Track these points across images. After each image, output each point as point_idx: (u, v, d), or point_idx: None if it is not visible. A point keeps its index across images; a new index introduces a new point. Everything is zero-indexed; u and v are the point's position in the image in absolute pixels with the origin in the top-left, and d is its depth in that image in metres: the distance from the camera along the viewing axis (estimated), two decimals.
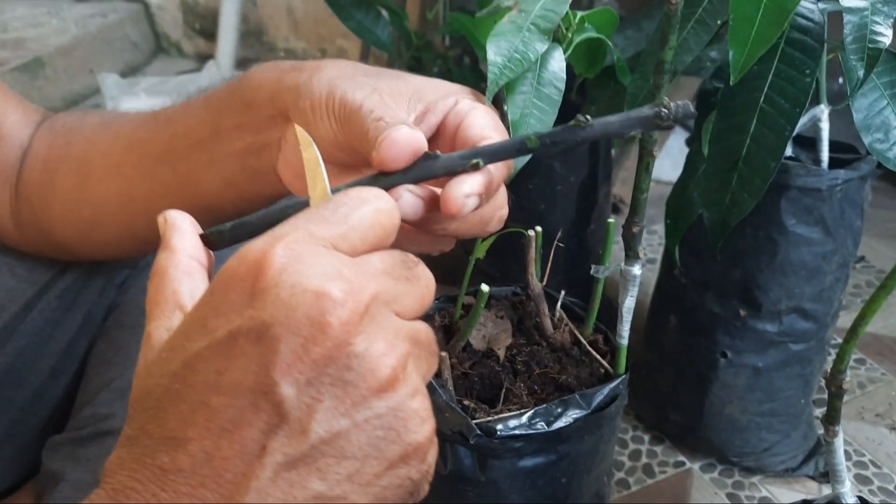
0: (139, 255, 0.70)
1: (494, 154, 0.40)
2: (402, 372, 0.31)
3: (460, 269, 0.71)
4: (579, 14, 0.63)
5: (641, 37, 0.83)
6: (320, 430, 0.29)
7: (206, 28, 2.21)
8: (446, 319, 0.71)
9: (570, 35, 0.61)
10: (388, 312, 0.32)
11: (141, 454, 0.30)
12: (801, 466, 0.95)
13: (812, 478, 0.96)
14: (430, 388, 0.60)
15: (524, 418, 0.59)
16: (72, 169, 0.61)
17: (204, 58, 2.21)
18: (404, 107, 0.44)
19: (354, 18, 1.00)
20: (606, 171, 1.07)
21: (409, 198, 0.39)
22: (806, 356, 0.89)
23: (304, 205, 0.38)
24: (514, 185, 1.04)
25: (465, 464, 0.62)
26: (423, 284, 0.35)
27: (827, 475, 0.94)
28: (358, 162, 0.46)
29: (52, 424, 0.71)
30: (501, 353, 0.66)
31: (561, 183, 1.01)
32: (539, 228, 0.65)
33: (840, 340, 1.16)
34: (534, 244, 0.65)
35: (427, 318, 0.71)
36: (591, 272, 0.62)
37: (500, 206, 0.44)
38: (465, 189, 0.38)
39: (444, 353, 0.62)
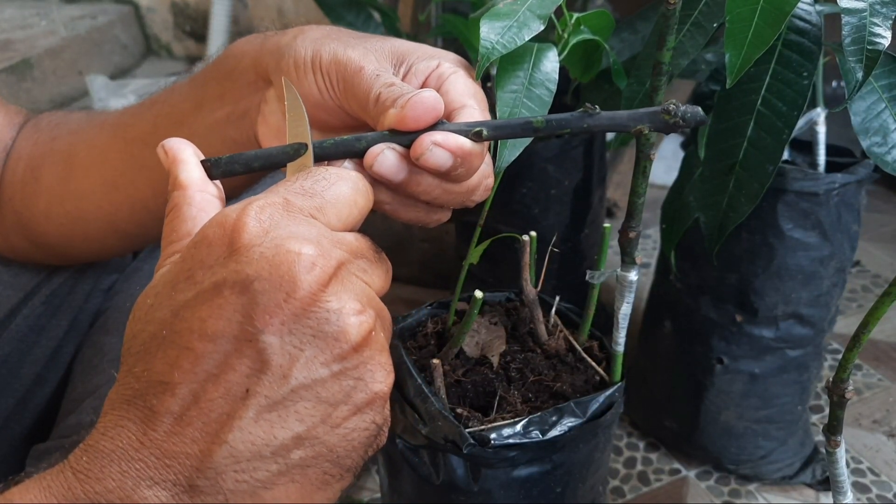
0: (123, 253, 0.69)
1: (500, 128, 0.41)
2: (375, 330, 0.34)
3: (454, 274, 0.70)
4: (575, 15, 0.62)
5: (637, 39, 0.82)
6: (300, 377, 0.32)
7: (197, 30, 2.20)
8: (439, 326, 0.70)
9: (565, 36, 0.60)
10: (358, 280, 0.35)
11: (131, 396, 0.32)
12: (799, 474, 0.94)
13: (809, 485, 0.95)
14: (423, 397, 0.59)
15: (518, 427, 0.58)
16: (56, 162, 0.60)
17: (194, 60, 2.20)
18: (389, 67, 0.45)
19: (345, 20, 1.00)
20: (601, 175, 1.06)
21: (391, 154, 0.40)
22: (803, 362, 0.88)
23: (297, 147, 0.40)
24: (507, 188, 1.03)
25: (457, 473, 0.60)
26: (385, 268, 0.38)
27: (824, 483, 0.94)
28: (340, 123, 0.47)
29: (37, 432, 0.70)
30: (495, 360, 0.65)
31: (555, 186, 1.00)
32: (534, 233, 0.64)
33: (837, 346, 1.17)
34: (528, 249, 0.63)
35: (420, 323, 0.70)
36: (587, 278, 0.61)
37: (486, 175, 0.45)
38: (436, 137, 0.40)
39: (436, 361, 0.61)
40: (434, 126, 0.40)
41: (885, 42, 0.56)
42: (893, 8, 0.57)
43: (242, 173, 0.40)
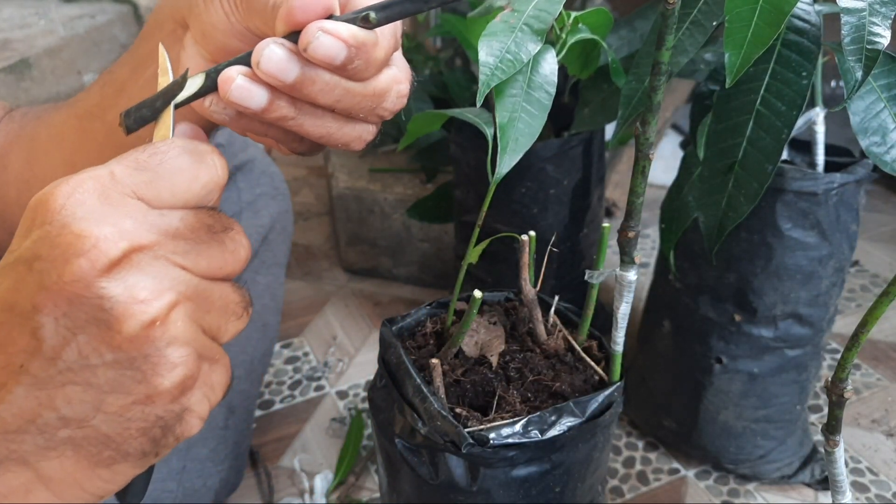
0: None
1: (388, 7, 0.38)
2: (164, 320, 0.33)
3: (453, 273, 0.70)
4: (573, 15, 0.62)
5: (635, 37, 0.82)
6: (70, 361, 0.32)
7: None
8: (438, 325, 0.70)
9: (563, 36, 0.60)
10: (165, 264, 0.34)
11: None
12: (797, 473, 0.94)
13: (808, 485, 0.95)
14: (422, 396, 0.59)
15: (517, 426, 0.58)
16: (21, 148, 0.61)
17: None
18: None
19: None
20: (599, 175, 1.07)
21: (278, 49, 0.37)
22: (801, 362, 0.88)
23: (184, 75, 0.38)
24: (506, 188, 1.03)
25: (456, 473, 0.60)
26: (229, 249, 0.36)
27: (823, 482, 0.94)
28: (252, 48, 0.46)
29: None
30: (494, 359, 0.65)
31: (553, 186, 1.00)
32: (532, 233, 0.64)
33: (836, 345, 1.17)
34: (527, 249, 0.63)
35: (419, 323, 0.70)
36: (586, 277, 0.61)
37: (398, 81, 0.42)
38: (323, 24, 0.37)
39: (435, 360, 0.61)
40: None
41: (885, 41, 0.56)
42: (893, 7, 0.57)
43: (152, 117, 0.39)
